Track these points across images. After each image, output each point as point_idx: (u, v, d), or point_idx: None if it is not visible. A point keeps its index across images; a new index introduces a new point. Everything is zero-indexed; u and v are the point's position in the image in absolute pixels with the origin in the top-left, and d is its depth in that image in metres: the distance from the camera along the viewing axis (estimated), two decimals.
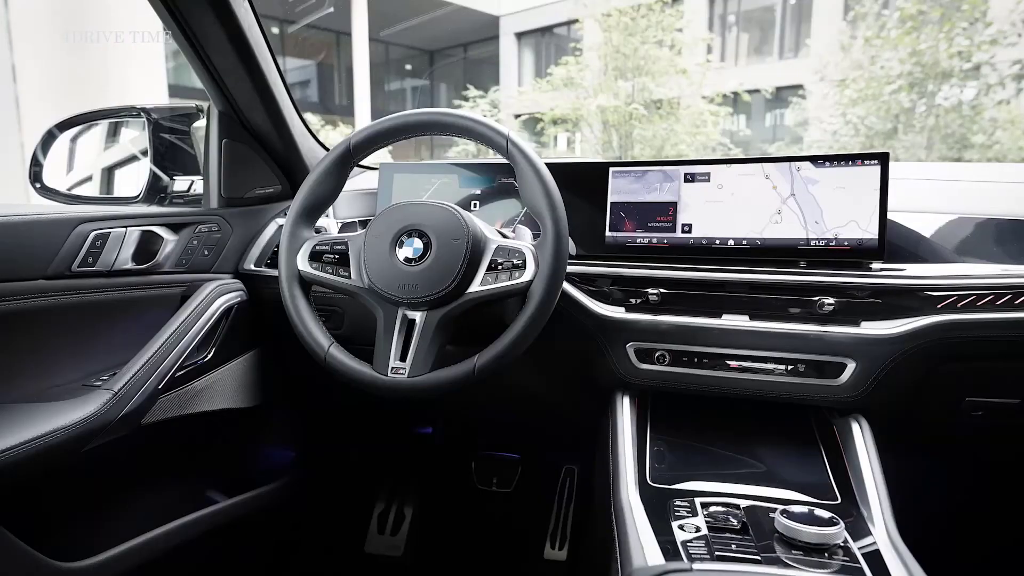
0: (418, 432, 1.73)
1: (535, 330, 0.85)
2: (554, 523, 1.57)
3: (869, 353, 0.91)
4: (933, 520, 1.11)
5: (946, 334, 0.89)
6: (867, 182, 0.96)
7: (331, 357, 0.90)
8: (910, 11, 7.25)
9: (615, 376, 1.03)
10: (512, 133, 0.91)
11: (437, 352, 0.88)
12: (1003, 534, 1.33)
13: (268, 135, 1.25)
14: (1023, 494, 1.33)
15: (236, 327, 1.16)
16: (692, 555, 0.70)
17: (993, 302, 0.90)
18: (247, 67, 1.12)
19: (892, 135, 7.54)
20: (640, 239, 1.07)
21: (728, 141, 9.71)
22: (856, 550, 0.71)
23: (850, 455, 0.90)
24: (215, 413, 1.15)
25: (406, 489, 1.64)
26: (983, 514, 1.34)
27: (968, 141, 7.17)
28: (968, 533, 1.32)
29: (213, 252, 1.18)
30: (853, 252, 0.96)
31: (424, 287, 0.86)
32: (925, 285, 0.91)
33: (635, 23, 8.87)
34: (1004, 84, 7.12)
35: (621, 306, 1.03)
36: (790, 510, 0.72)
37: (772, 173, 1.01)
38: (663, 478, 0.89)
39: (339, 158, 0.97)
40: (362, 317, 1.04)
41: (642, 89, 9.01)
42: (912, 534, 0.78)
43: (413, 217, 0.90)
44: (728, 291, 0.99)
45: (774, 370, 0.96)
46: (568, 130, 9.91)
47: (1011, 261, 0.97)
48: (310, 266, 0.93)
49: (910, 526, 0.81)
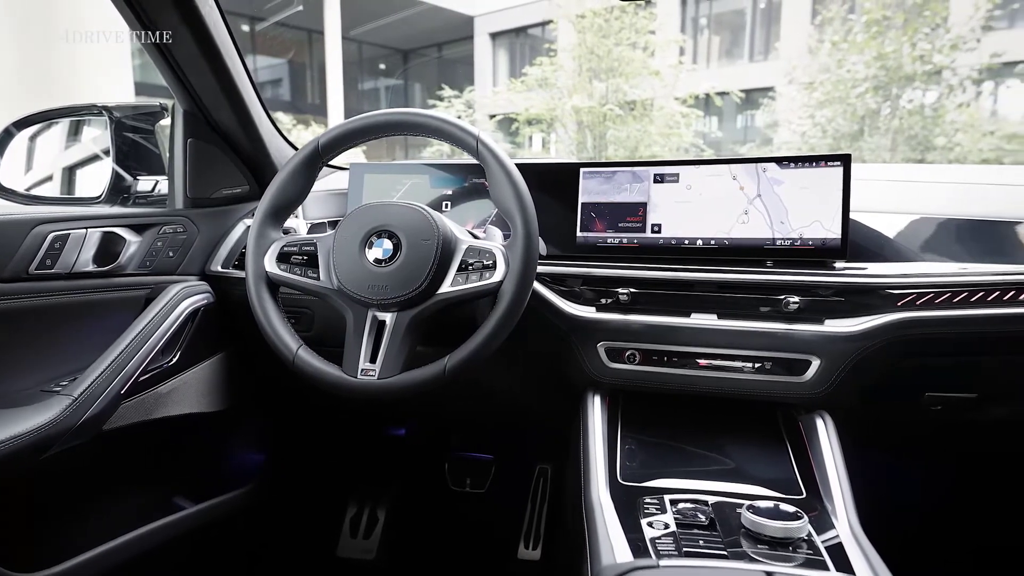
0: (391, 434, 1.72)
1: (506, 330, 0.85)
2: (528, 523, 1.57)
3: (832, 350, 0.93)
4: (896, 512, 1.14)
5: (905, 331, 0.92)
6: (830, 183, 0.98)
7: (299, 359, 0.89)
8: (875, 16, 7.43)
9: (586, 375, 1.04)
10: (482, 133, 0.91)
11: (407, 353, 0.87)
12: (964, 526, 1.38)
13: (235, 134, 1.23)
14: (982, 486, 1.37)
15: (203, 330, 1.14)
16: (660, 552, 0.71)
17: (950, 300, 0.92)
18: (212, 65, 1.10)
19: (858, 137, 7.72)
20: (611, 239, 1.08)
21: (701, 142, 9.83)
22: (819, 543, 0.72)
23: (815, 451, 0.92)
24: (182, 418, 1.13)
25: (379, 492, 1.63)
26: (944, 506, 1.38)
27: (930, 143, 7.38)
28: (930, 525, 1.36)
29: (178, 254, 1.15)
30: (817, 251, 0.98)
31: (394, 288, 0.86)
32: (885, 283, 0.94)
33: (608, 24, 8.93)
34: (964, 88, 7.34)
35: (592, 306, 1.03)
36: (756, 505, 0.74)
37: (739, 174, 1.03)
38: (633, 476, 0.90)
39: (307, 158, 0.96)
40: (332, 319, 1.03)
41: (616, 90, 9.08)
42: (875, 526, 0.80)
43: (383, 218, 0.89)
44: (697, 291, 1.00)
45: (742, 368, 0.98)
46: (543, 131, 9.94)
47: (969, 260, 1.00)
48: (278, 267, 0.92)
49: (873, 519, 0.83)
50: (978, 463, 1.35)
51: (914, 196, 1.14)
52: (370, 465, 1.70)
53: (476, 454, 1.70)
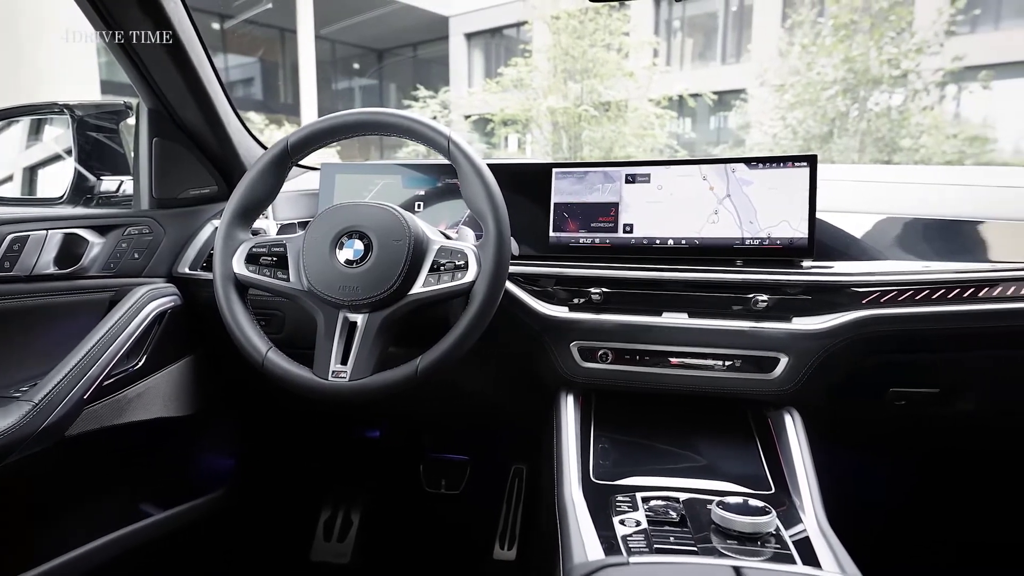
0: (365, 436, 1.71)
1: (478, 330, 0.85)
2: (503, 523, 1.57)
3: (800, 347, 0.95)
4: (862, 507, 1.16)
5: (870, 328, 0.94)
6: (797, 183, 1.00)
7: (269, 362, 0.88)
8: (843, 20, 7.58)
9: (559, 375, 1.04)
10: (454, 134, 0.90)
11: (379, 354, 0.87)
12: (929, 520, 1.41)
13: (202, 133, 1.20)
14: (947, 482, 1.41)
15: (170, 333, 1.12)
16: (631, 549, 0.71)
17: (913, 297, 0.95)
18: (177, 62, 1.08)
19: (828, 138, 7.87)
20: (583, 239, 1.08)
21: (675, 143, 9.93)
22: (787, 537, 0.73)
23: (783, 446, 0.93)
24: (149, 422, 1.11)
25: (353, 495, 1.62)
26: (909, 501, 1.42)
27: (897, 145, 7.56)
28: (895, 519, 1.39)
29: (144, 255, 1.13)
30: (785, 251, 1.00)
31: (365, 289, 0.85)
32: (851, 282, 0.96)
33: (583, 26, 8.97)
34: (928, 91, 7.54)
35: (565, 306, 1.04)
36: (726, 501, 0.75)
37: (709, 174, 1.04)
38: (606, 475, 0.91)
39: (276, 158, 0.94)
40: (303, 321, 1.02)
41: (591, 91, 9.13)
42: (842, 520, 0.82)
43: (353, 218, 0.89)
44: (668, 290, 1.01)
45: (713, 366, 0.99)
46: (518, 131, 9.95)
47: (933, 258, 1.02)
48: (247, 269, 0.91)
49: (840, 513, 0.84)
50: (942, 459, 1.39)
51: (881, 196, 1.17)
52: (344, 468, 1.68)
53: (451, 455, 1.70)
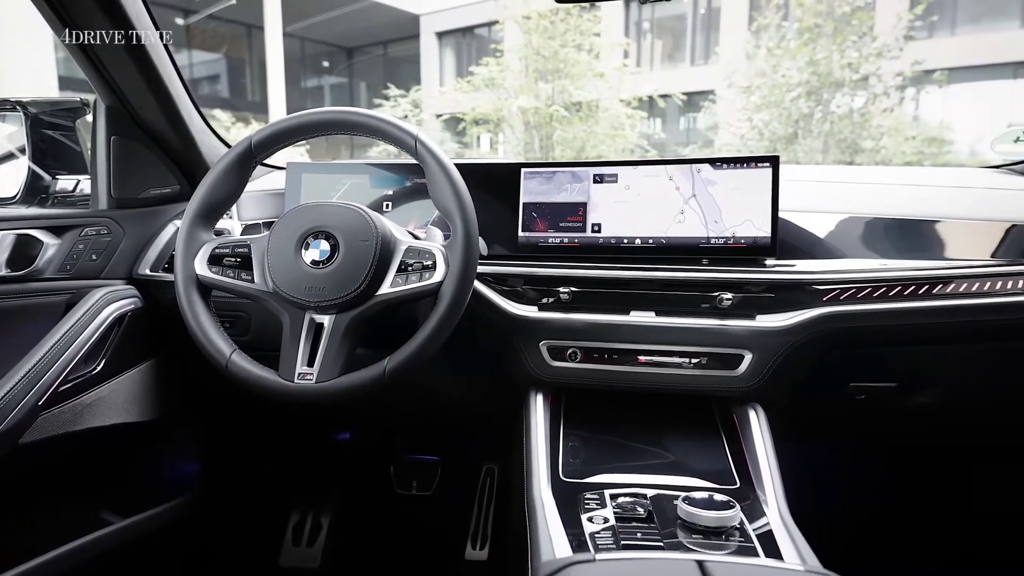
0: (335, 439, 1.69)
1: (446, 330, 0.85)
2: (475, 524, 1.57)
3: (764, 344, 0.97)
4: (825, 500, 1.19)
5: (831, 324, 0.96)
6: (760, 183, 1.02)
7: (233, 364, 0.86)
8: (807, 24, 7.76)
9: (529, 374, 1.05)
10: (421, 133, 0.90)
11: (346, 356, 0.86)
12: (889, 512, 1.45)
13: (163, 132, 1.18)
14: (906, 474, 1.45)
15: (130, 336, 1.09)
16: (599, 546, 0.72)
17: (871, 294, 0.97)
18: (136, 58, 1.05)
19: (793, 139, 8.05)
20: (552, 239, 1.09)
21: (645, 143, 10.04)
22: (751, 531, 0.75)
23: (748, 442, 0.95)
24: (109, 428, 1.08)
25: (322, 498, 1.60)
26: (870, 494, 1.46)
27: (859, 146, 7.77)
28: (857, 511, 1.43)
29: (102, 257, 1.10)
30: (749, 249, 1.02)
31: (332, 290, 0.84)
32: (812, 279, 0.98)
33: (554, 26, 9.01)
34: (888, 94, 7.76)
35: (534, 305, 1.04)
36: (691, 496, 0.76)
37: (675, 174, 1.05)
38: (575, 472, 0.91)
39: (240, 157, 0.93)
40: (269, 322, 1.00)
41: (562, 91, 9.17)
42: (805, 513, 0.84)
43: (319, 218, 0.88)
44: (636, 289, 1.02)
45: (680, 363, 1.00)
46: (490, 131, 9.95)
47: (892, 256, 1.05)
48: (209, 270, 0.89)
49: (804, 506, 0.86)
50: (903, 453, 1.43)
51: (843, 196, 1.20)
52: (313, 471, 1.66)
53: (422, 456, 1.69)
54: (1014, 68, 9.60)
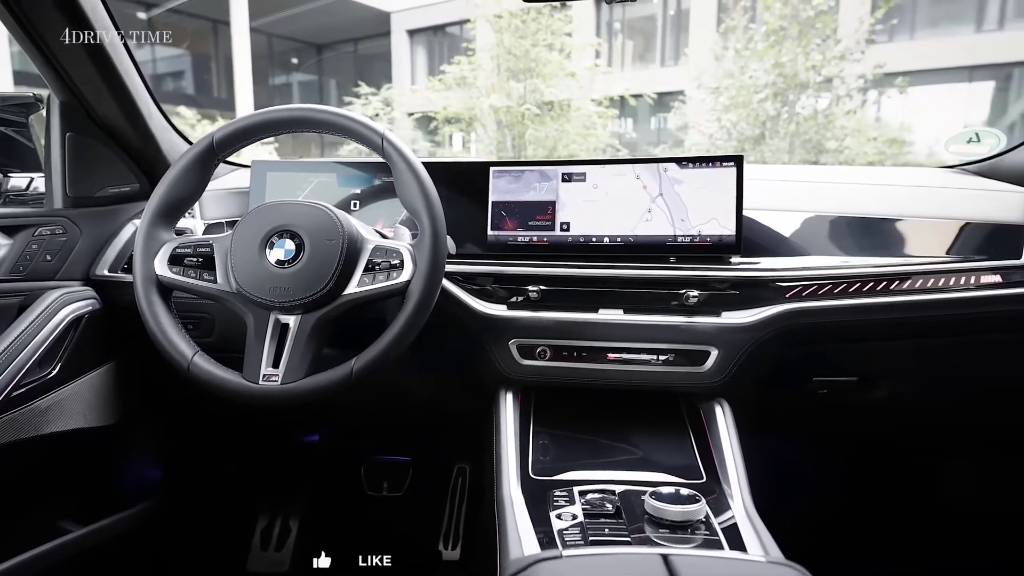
0: (303, 441, 1.66)
1: (414, 330, 0.84)
2: (447, 523, 1.57)
3: (729, 340, 0.98)
4: (789, 493, 1.22)
5: (793, 320, 0.98)
6: (725, 182, 1.04)
7: (195, 367, 0.84)
8: (773, 26, 7.90)
9: (499, 373, 1.05)
10: (388, 131, 0.89)
11: (313, 357, 0.85)
12: (851, 503, 1.49)
13: (121, 128, 1.14)
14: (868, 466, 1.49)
15: (88, 339, 1.06)
16: (567, 542, 0.72)
17: (832, 290, 1.00)
18: (91, 52, 1.02)
19: (761, 140, 8.18)
20: (521, 237, 1.09)
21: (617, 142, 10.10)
22: (716, 524, 0.76)
23: (714, 436, 0.97)
24: (65, 433, 1.05)
25: (291, 501, 1.57)
26: (834, 487, 1.49)
27: (823, 146, 7.94)
28: (821, 504, 1.46)
29: (57, 257, 1.06)
30: (715, 247, 1.03)
31: (297, 290, 0.83)
32: (775, 276, 1.00)
33: (525, 25, 9.01)
34: (851, 96, 7.95)
35: (503, 304, 1.04)
36: (658, 492, 0.77)
37: (642, 173, 1.06)
38: (545, 470, 0.92)
39: (201, 154, 0.91)
40: (234, 324, 0.98)
41: (534, 90, 9.18)
42: (770, 507, 0.85)
43: (284, 217, 0.86)
44: (604, 287, 1.03)
45: (648, 360, 1.01)
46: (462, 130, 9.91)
47: (855, 253, 1.08)
48: (170, 270, 0.87)
49: (769, 500, 0.88)
50: (865, 448, 1.47)
51: (806, 195, 1.22)
52: (281, 473, 1.63)
53: (393, 457, 1.68)
54: (969, 71, 9.92)
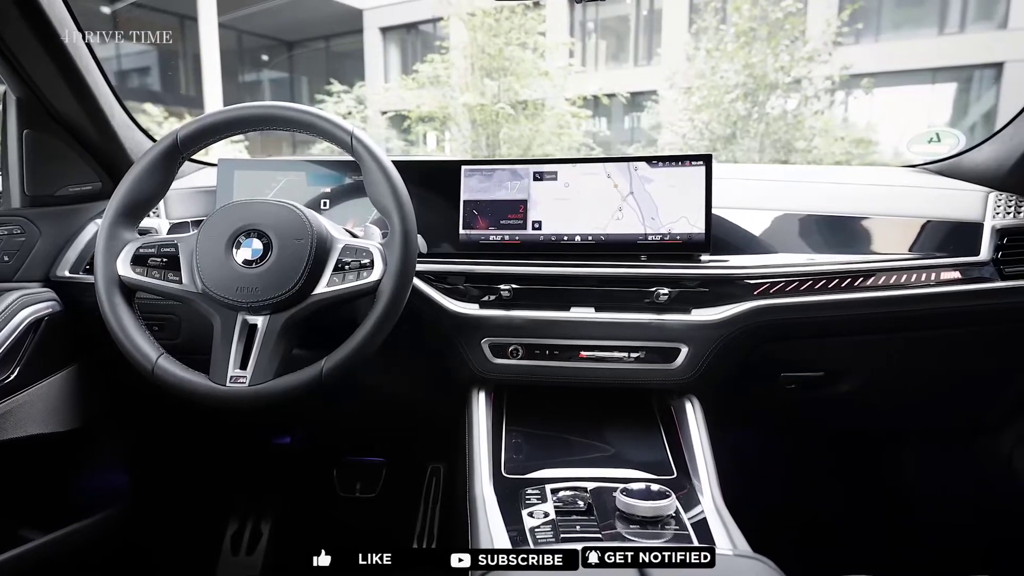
0: (274, 443, 1.64)
1: (385, 329, 0.84)
2: (421, 524, 1.56)
3: (699, 337, 1.00)
4: (759, 486, 1.24)
5: (761, 317, 1.00)
6: (694, 181, 1.05)
7: (160, 369, 0.83)
8: (743, 27, 8.03)
9: (471, 372, 1.04)
10: (357, 129, 0.88)
11: (282, 357, 0.84)
12: (820, 495, 1.52)
13: (81, 125, 1.11)
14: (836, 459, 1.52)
15: (48, 342, 1.03)
16: (539, 540, 0.72)
17: (798, 288, 1.02)
18: (48, 46, 0.99)
19: (732, 140, 8.30)
20: (493, 236, 1.09)
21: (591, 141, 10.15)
22: (686, 519, 0.77)
23: (684, 432, 0.98)
24: (25, 440, 1.01)
25: (262, 504, 1.55)
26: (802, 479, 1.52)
27: (793, 146, 8.09)
28: (790, 496, 1.49)
29: (16, 258, 1.03)
30: (684, 245, 1.04)
31: (265, 290, 0.82)
32: (743, 274, 1.02)
33: (499, 24, 9.00)
34: (819, 97, 8.12)
35: (475, 303, 1.04)
36: (629, 488, 0.78)
37: (613, 172, 1.07)
38: (518, 468, 0.92)
39: (165, 152, 0.89)
40: (201, 325, 0.96)
41: (507, 89, 9.17)
42: (739, 501, 0.86)
43: (251, 216, 0.85)
44: (576, 285, 1.04)
45: (620, 358, 1.02)
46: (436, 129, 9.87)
47: (821, 251, 1.09)
48: (133, 271, 0.85)
49: (739, 493, 0.89)
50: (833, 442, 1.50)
51: (775, 194, 1.24)
52: (251, 477, 1.61)
53: (366, 458, 1.66)
54: (932, 73, 10.20)
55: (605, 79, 11.75)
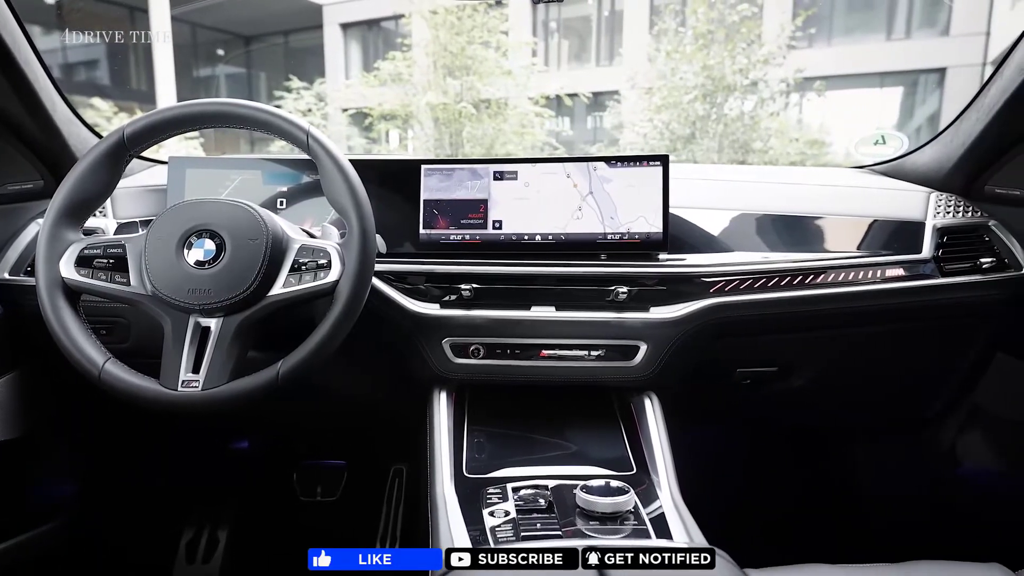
0: (231, 447, 1.60)
1: (343, 330, 0.83)
2: (383, 526, 1.54)
3: (657, 335, 1.01)
4: (718, 481, 1.27)
5: (717, 314, 1.02)
6: (652, 181, 1.06)
7: (107, 374, 0.80)
8: (701, 29, 8.19)
9: (432, 372, 1.04)
10: (312, 127, 0.87)
11: (236, 360, 0.82)
12: (775, 489, 1.56)
13: (20, 120, 1.06)
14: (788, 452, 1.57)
15: None
16: (499, 539, 0.73)
17: (752, 285, 1.04)
18: None
19: (691, 140, 8.46)
20: (453, 236, 1.08)
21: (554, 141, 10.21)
22: (644, 514, 0.78)
23: (643, 429, 0.99)
24: None
25: (219, 511, 1.51)
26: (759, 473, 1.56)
27: (750, 147, 8.29)
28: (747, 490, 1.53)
29: None
30: (643, 244, 1.06)
31: (218, 292, 0.80)
32: (700, 272, 1.04)
33: (461, 22, 8.98)
34: (775, 98, 8.34)
35: (436, 303, 1.04)
36: (589, 485, 0.78)
37: (572, 172, 1.08)
38: (479, 468, 0.92)
39: (110, 149, 0.86)
40: (152, 328, 0.94)
41: (470, 88, 9.15)
42: (698, 496, 0.88)
43: (203, 216, 0.83)
44: (536, 284, 1.04)
45: (580, 356, 1.03)
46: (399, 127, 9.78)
47: (777, 249, 1.12)
48: (77, 273, 0.82)
49: (697, 488, 0.91)
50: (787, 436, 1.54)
51: (730, 194, 1.27)
52: (208, 483, 1.57)
53: (327, 461, 1.64)
54: (880, 77, 10.60)
55: (568, 79, 11.83)
